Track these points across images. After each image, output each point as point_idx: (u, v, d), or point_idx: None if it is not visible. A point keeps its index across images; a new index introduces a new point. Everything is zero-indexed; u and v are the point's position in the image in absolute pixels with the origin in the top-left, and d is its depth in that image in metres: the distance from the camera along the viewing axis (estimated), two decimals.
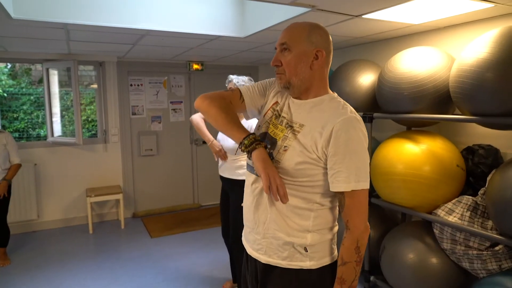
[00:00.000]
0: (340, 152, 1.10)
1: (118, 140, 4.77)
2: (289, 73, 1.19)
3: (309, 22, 1.22)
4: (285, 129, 1.22)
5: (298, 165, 1.15)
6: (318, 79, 1.21)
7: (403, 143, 2.44)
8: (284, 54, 1.19)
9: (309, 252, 1.20)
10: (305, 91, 1.22)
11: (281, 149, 1.19)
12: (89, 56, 4.37)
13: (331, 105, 1.19)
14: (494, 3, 2.06)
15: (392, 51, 3.11)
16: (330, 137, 1.11)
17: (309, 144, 1.14)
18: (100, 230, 4.42)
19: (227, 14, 2.94)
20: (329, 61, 1.24)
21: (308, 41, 1.18)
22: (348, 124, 1.11)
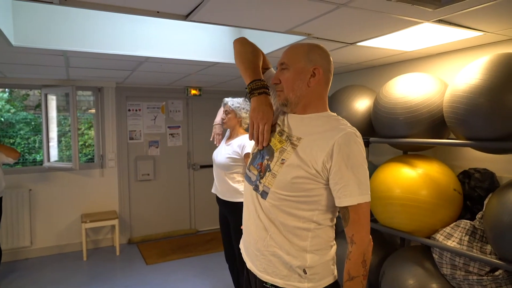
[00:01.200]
0: (343, 166, 1.12)
1: (115, 165, 4.75)
2: (286, 89, 1.24)
3: (309, 42, 1.28)
4: (284, 141, 1.24)
5: (294, 179, 1.16)
6: (316, 96, 1.24)
7: (400, 168, 2.45)
8: (283, 73, 1.25)
9: (308, 274, 1.19)
10: (303, 107, 1.25)
11: (278, 161, 1.21)
12: (88, 82, 4.42)
13: (330, 121, 1.22)
14: (484, 32, 2.14)
15: (387, 77, 3.18)
16: (332, 152, 1.13)
17: (308, 159, 1.16)
18: (94, 257, 4.33)
19: (224, 41, 3.01)
20: (328, 80, 1.27)
21: (306, 59, 1.22)
22: (349, 139, 1.14)
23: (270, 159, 1.24)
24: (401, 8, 1.72)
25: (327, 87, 1.28)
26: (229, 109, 2.73)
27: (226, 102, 2.76)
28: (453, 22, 1.96)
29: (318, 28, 2.08)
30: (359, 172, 1.13)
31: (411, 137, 2.43)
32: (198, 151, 5.33)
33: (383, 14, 1.81)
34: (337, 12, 1.77)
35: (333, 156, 1.12)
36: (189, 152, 5.29)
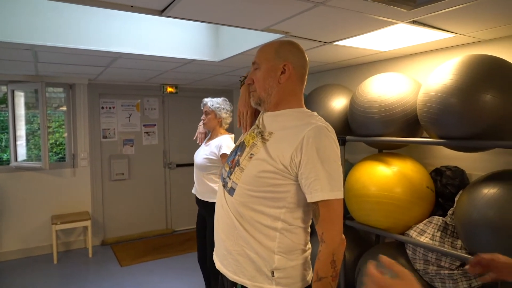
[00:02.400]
0: (311, 160, 1.08)
1: (88, 164, 4.61)
2: (259, 89, 1.23)
3: (281, 39, 1.27)
4: (256, 136, 1.23)
5: (260, 173, 1.14)
6: (288, 93, 1.23)
7: (375, 166, 2.49)
8: (256, 73, 1.24)
9: (276, 277, 1.15)
10: (275, 104, 1.24)
11: (247, 156, 1.19)
12: (59, 78, 4.26)
13: (302, 116, 1.21)
14: (455, 34, 2.20)
15: (363, 76, 3.22)
16: (301, 146, 1.10)
17: (276, 154, 1.13)
18: (65, 260, 4.19)
19: (201, 38, 2.97)
20: (302, 76, 1.25)
21: (276, 57, 1.21)
22: (320, 132, 1.11)
23: (241, 154, 1.22)
24: (377, 8, 1.75)
25: (300, 83, 1.26)
26: (208, 110, 2.69)
27: (206, 102, 2.72)
28: (426, 23, 2.01)
29: (295, 27, 2.07)
30: (330, 167, 1.09)
31: (386, 136, 2.47)
32: (175, 149, 5.25)
33: (359, 13, 1.83)
34: (314, 10, 1.78)
35: (302, 150, 1.09)
36: (165, 151, 5.20)
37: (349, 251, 2.81)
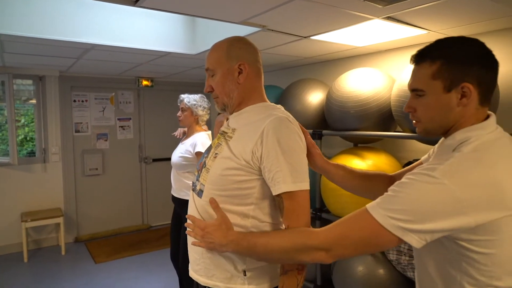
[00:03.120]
0: (272, 152, 1.05)
1: (59, 159, 4.46)
2: (220, 94, 1.21)
3: (228, 39, 1.22)
4: (221, 136, 1.22)
5: (224, 171, 1.12)
6: (249, 90, 1.21)
7: (351, 159, 2.53)
8: (213, 79, 1.21)
9: (248, 276, 1.13)
10: (239, 105, 1.22)
11: (212, 156, 1.18)
12: (28, 70, 4.09)
13: (264, 110, 1.19)
14: (428, 30, 2.25)
15: (339, 71, 3.26)
16: (261, 139, 1.07)
17: (238, 150, 1.11)
18: (36, 258, 4.06)
19: (177, 30, 2.92)
20: (258, 70, 1.23)
21: (228, 59, 1.18)
22: (280, 123, 1.08)
23: (207, 156, 1.21)
24: (353, 4, 1.76)
25: (258, 77, 1.23)
26: (185, 107, 2.65)
27: (182, 99, 2.67)
28: (400, 19, 2.04)
29: (273, 20, 2.07)
30: (292, 158, 1.06)
31: (361, 130, 2.52)
32: (151, 144, 5.16)
33: (336, 8, 1.84)
34: (292, 4, 1.78)
35: (263, 143, 1.06)
36: (140, 145, 5.11)
37: None
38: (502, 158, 0.88)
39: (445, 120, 0.94)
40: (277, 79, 4.01)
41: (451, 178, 0.82)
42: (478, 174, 0.83)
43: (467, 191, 0.81)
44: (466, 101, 0.90)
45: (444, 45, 0.94)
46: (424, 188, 0.84)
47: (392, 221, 0.85)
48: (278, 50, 2.93)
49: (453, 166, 0.85)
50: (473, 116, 0.92)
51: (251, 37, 2.43)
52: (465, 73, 0.89)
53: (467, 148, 0.88)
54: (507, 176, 0.85)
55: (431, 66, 0.92)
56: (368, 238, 0.89)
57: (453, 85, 0.90)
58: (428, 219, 0.82)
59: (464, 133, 0.92)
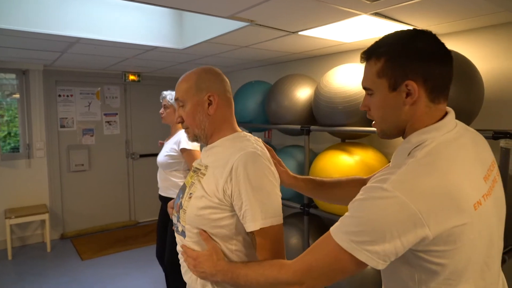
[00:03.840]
0: (242, 190, 1.05)
1: (44, 155, 4.38)
2: (191, 126, 1.21)
3: (197, 70, 1.23)
4: (194, 175, 1.21)
5: (200, 210, 1.11)
6: (220, 121, 1.20)
7: (338, 155, 2.55)
8: (183, 109, 1.21)
9: None
10: (211, 137, 1.22)
11: (187, 197, 1.17)
12: (10, 63, 3.99)
13: (234, 144, 1.17)
14: (414, 27, 2.27)
15: (327, 66, 3.27)
16: (230, 177, 1.07)
17: (210, 188, 1.11)
18: (21, 255, 3.99)
19: (164, 24, 2.88)
20: (229, 100, 1.23)
21: (197, 91, 1.18)
22: (247, 160, 1.07)
23: (183, 196, 1.21)
24: None
25: (229, 107, 1.23)
26: (167, 104, 2.59)
27: (165, 96, 2.61)
28: (388, 15, 2.06)
29: (261, 15, 2.06)
30: (261, 194, 1.06)
31: (349, 126, 2.53)
32: (138, 139, 5.11)
33: (324, 3, 1.84)
34: None
35: (232, 180, 1.06)
36: (127, 140, 5.05)
37: (313, 239, 2.87)
38: (457, 161, 0.83)
39: (396, 120, 0.89)
40: (265, 75, 4.01)
41: (403, 190, 0.77)
42: (431, 182, 0.78)
43: (421, 202, 0.76)
44: (412, 100, 0.85)
45: (389, 40, 0.89)
46: (378, 205, 0.78)
47: (354, 245, 0.79)
48: (266, 45, 2.92)
49: (405, 175, 0.80)
50: (425, 114, 0.87)
51: (239, 32, 2.42)
52: (409, 70, 0.84)
53: (420, 153, 0.83)
54: (462, 181, 0.81)
55: (376, 64, 0.89)
56: (335, 265, 0.83)
57: (398, 84, 0.85)
58: (388, 238, 0.77)
59: (419, 136, 0.86)
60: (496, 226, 0.89)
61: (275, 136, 3.93)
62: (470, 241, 0.81)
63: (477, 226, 0.82)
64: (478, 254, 0.84)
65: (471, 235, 0.81)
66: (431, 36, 0.87)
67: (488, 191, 0.86)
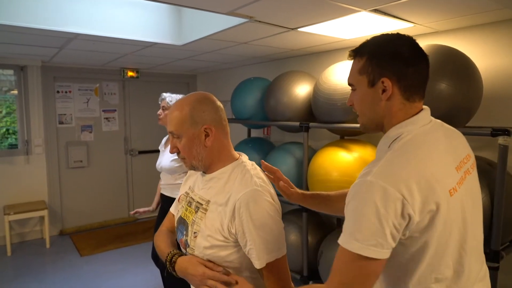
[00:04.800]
0: (246, 229, 1.07)
1: (43, 152, 4.37)
2: (188, 157, 1.19)
3: (189, 100, 1.18)
4: (194, 212, 1.20)
5: (207, 250, 1.13)
6: (217, 151, 1.19)
7: (337, 152, 2.55)
8: (178, 141, 1.18)
9: None
10: (209, 167, 1.21)
11: (192, 235, 1.17)
12: (8, 59, 3.97)
13: (234, 176, 1.17)
14: (413, 23, 2.27)
15: (326, 63, 3.26)
16: (233, 216, 1.09)
17: (215, 226, 1.12)
18: (20, 252, 3.99)
19: (163, 20, 2.87)
20: (225, 128, 1.21)
21: (192, 124, 1.15)
22: (248, 200, 1.08)
23: (186, 233, 1.20)
24: None
25: (225, 134, 1.21)
26: (166, 105, 2.58)
27: (164, 97, 2.60)
28: (387, 12, 2.05)
29: (260, 11, 2.05)
30: (264, 231, 1.08)
31: (347, 123, 2.53)
32: (136, 136, 5.10)
33: (324, 0, 1.83)
34: None
35: (235, 220, 1.08)
36: (126, 137, 5.04)
37: (312, 235, 2.88)
38: (432, 151, 0.91)
39: (374, 115, 0.98)
40: (264, 71, 4.00)
41: (385, 178, 0.84)
42: (410, 170, 0.85)
43: (403, 188, 0.82)
44: (386, 96, 0.93)
45: (373, 42, 0.98)
46: (366, 198, 0.84)
47: (373, 248, 0.83)
48: (265, 42, 2.91)
49: (385, 166, 0.87)
50: (400, 111, 0.95)
51: (238, 29, 2.41)
52: (385, 69, 0.93)
53: (398, 145, 0.91)
54: (438, 169, 0.89)
55: (359, 62, 0.97)
56: (360, 272, 0.87)
57: (375, 80, 0.94)
58: (384, 225, 0.82)
59: (396, 130, 0.95)
60: (470, 214, 0.96)
61: (274, 133, 3.93)
62: (447, 224, 0.88)
63: (453, 211, 0.90)
64: (454, 238, 0.91)
65: (448, 219, 0.88)
66: (410, 41, 0.96)
67: (459, 180, 0.94)
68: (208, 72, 5.19)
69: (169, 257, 1.19)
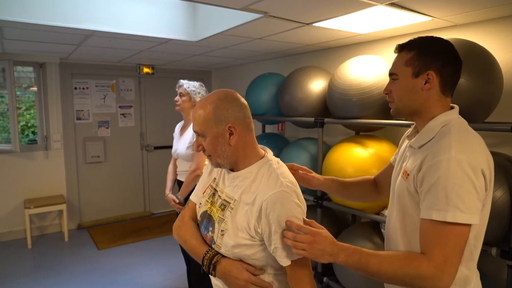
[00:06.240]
0: (272, 230, 1.09)
1: (61, 147, 4.47)
2: (213, 156, 1.19)
3: (212, 98, 1.17)
4: (220, 209, 1.21)
5: (233, 248, 1.15)
6: (242, 150, 1.19)
7: (352, 148, 2.53)
8: (203, 140, 1.19)
9: None
10: (235, 165, 1.21)
11: (219, 233, 1.19)
12: (28, 56, 4.07)
13: (260, 175, 1.17)
14: (431, 17, 2.22)
15: (341, 58, 3.23)
16: (260, 216, 1.10)
17: (242, 225, 1.14)
18: (40, 244, 4.10)
19: (178, 17, 2.88)
20: (249, 125, 1.20)
21: (216, 122, 1.14)
22: (275, 201, 1.09)
23: (213, 230, 1.22)
24: None
25: (250, 132, 1.21)
26: (184, 91, 2.64)
27: (182, 84, 2.66)
28: (405, 6, 2.01)
29: (274, 6, 2.04)
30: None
31: (363, 118, 2.50)
32: (152, 132, 5.17)
33: None
34: None
35: (262, 220, 1.10)
36: (142, 133, 5.11)
37: None
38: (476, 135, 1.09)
39: (412, 102, 1.12)
40: (279, 67, 3.98)
41: (468, 155, 0.98)
42: (480, 148, 1.03)
43: (482, 163, 0.99)
44: (429, 86, 1.08)
45: (423, 39, 1.13)
46: (463, 173, 0.96)
47: (476, 216, 0.97)
48: (280, 37, 2.90)
49: (460, 145, 1.00)
50: (437, 102, 1.10)
51: (252, 24, 2.41)
52: (431, 64, 1.07)
53: (455, 128, 1.05)
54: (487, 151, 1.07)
55: (407, 55, 1.11)
56: (464, 241, 0.98)
57: (420, 72, 1.08)
58: (482, 197, 0.99)
59: (445, 116, 1.09)
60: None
61: (289, 128, 3.92)
62: (486, 209, 1.05)
63: (490, 199, 1.05)
64: (485, 227, 1.07)
65: (487, 206, 1.05)
66: (450, 45, 1.12)
67: None
68: (223, 68, 5.20)
69: (208, 256, 1.19)
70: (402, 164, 1.18)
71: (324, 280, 2.85)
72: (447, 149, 0.98)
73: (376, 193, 1.45)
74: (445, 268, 0.95)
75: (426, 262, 0.97)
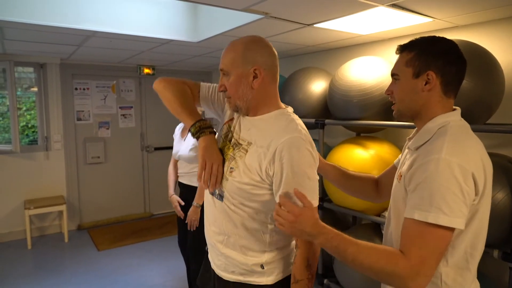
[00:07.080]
0: (284, 174, 1.08)
1: (62, 147, 4.47)
2: (233, 96, 1.19)
3: (245, 39, 1.18)
4: (232, 148, 1.21)
5: (241, 185, 1.14)
6: (263, 96, 1.19)
7: (353, 149, 2.52)
8: (226, 79, 1.19)
9: (266, 269, 1.20)
10: (253, 109, 1.21)
11: (228, 170, 1.19)
12: (29, 57, 4.07)
13: (278, 123, 1.17)
14: (433, 18, 2.22)
15: (342, 59, 3.23)
16: (273, 159, 1.09)
17: (254, 166, 1.13)
18: (40, 245, 4.10)
19: (179, 18, 2.88)
20: (274, 75, 1.21)
21: (244, 62, 1.15)
22: (291, 145, 1.09)
23: (223, 166, 1.22)
24: None
25: (274, 82, 1.21)
26: None
27: None
28: (405, 7, 2.01)
29: (276, 7, 2.04)
30: (301, 179, 1.09)
31: (364, 119, 2.50)
32: (152, 132, 5.16)
33: None
34: None
35: (275, 163, 1.09)
36: (142, 133, 5.11)
37: None
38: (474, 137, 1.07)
39: (413, 103, 1.09)
40: (280, 68, 3.97)
41: (459, 157, 0.94)
42: (474, 150, 1.00)
43: (472, 166, 0.95)
44: (430, 87, 1.05)
45: (424, 40, 1.10)
46: (450, 175, 0.93)
47: (459, 220, 0.93)
48: (281, 38, 2.90)
49: (453, 146, 0.97)
50: (438, 103, 1.07)
51: (253, 25, 2.40)
52: (431, 64, 1.05)
53: (452, 129, 1.02)
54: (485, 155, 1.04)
55: (408, 55, 1.09)
56: (444, 245, 0.96)
57: (421, 72, 1.06)
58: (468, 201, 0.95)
59: (444, 118, 1.05)
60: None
61: None
62: (482, 215, 1.01)
63: (487, 205, 1.03)
64: (483, 234, 1.04)
65: (482, 212, 1.01)
66: (454, 44, 1.08)
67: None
68: None
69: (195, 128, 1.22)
70: (401, 167, 1.17)
71: (325, 282, 2.84)
72: (439, 149, 0.96)
73: (375, 193, 1.44)
74: (421, 270, 0.93)
75: (403, 261, 0.95)
